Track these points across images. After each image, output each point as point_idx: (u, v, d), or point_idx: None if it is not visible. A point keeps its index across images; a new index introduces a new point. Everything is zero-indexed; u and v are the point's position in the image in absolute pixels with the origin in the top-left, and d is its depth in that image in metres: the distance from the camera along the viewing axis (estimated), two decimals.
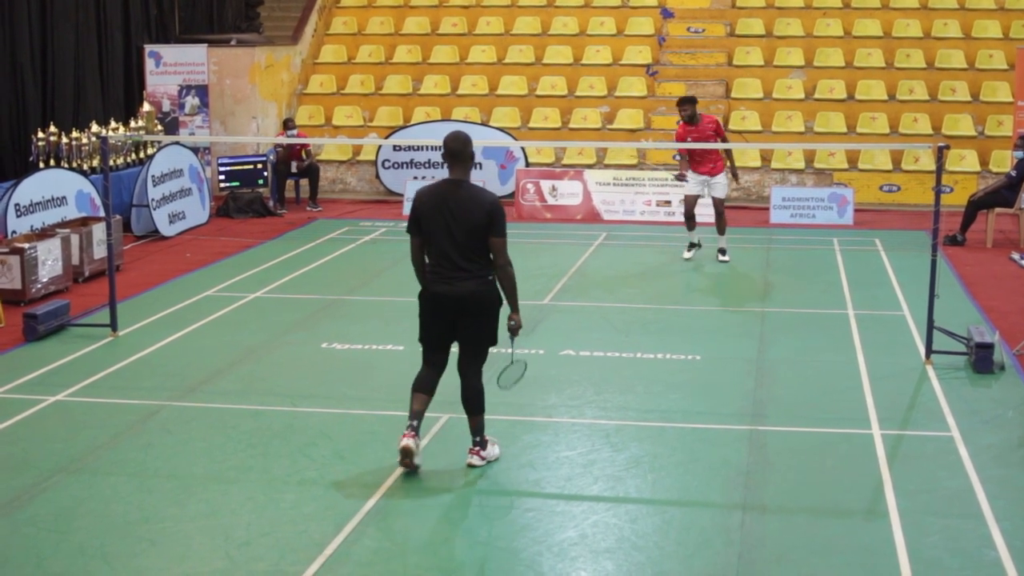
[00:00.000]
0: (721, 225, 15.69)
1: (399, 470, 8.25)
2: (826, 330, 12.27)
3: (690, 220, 15.79)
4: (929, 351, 10.97)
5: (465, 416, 8.39)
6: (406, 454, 8.09)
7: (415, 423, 8.17)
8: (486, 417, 8.40)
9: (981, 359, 10.61)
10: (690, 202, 15.74)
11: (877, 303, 13.40)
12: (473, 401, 8.32)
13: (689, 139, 15.17)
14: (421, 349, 8.37)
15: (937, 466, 8.50)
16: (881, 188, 20.31)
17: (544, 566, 6.93)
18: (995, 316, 12.67)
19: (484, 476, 8.29)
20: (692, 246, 15.90)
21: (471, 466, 8.32)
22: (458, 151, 8.07)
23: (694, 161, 15.52)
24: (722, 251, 15.73)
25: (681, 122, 15.48)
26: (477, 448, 8.39)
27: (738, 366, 10.95)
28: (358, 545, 7.20)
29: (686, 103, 15.28)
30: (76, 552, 7.10)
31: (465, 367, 8.31)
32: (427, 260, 8.17)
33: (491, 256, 8.09)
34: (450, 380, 8.42)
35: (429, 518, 7.65)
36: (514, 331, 8.25)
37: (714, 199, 15.57)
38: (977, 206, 17.17)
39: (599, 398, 10.00)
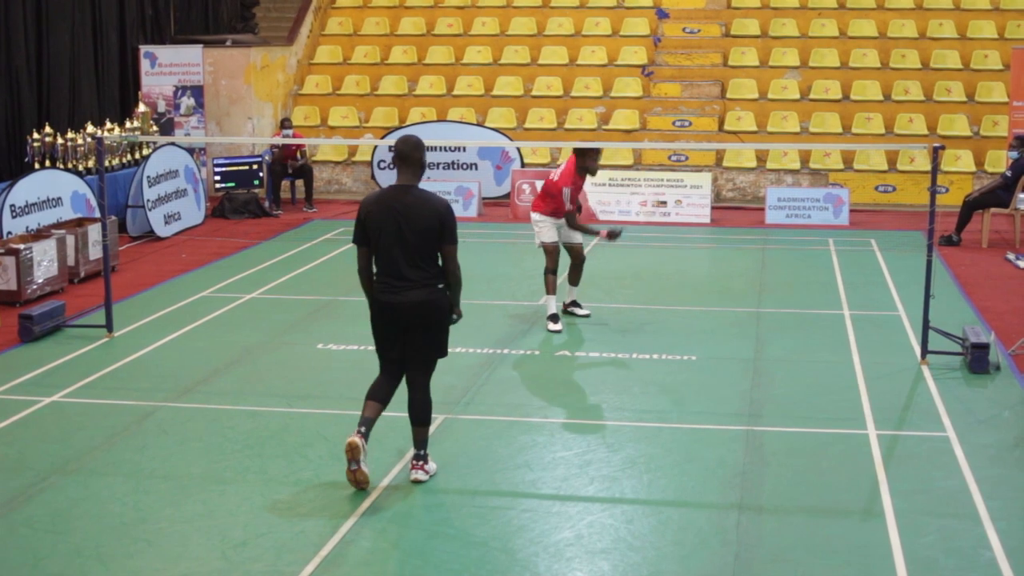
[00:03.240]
0: (576, 277, 12.76)
1: (396, 470, 8.25)
2: (822, 330, 12.28)
3: (553, 275, 12.44)
4: (925, 351, 10.98)
5: (464, 417, 8.39)
6: (351, 450, 7.78)
7: (361, 429, 7.88)
8: (486, 418, 8.39)
9: (977, 359, 10.62)
10: (556, 253, 12.46)
11: (873, 303, 13.41)
12: (420, 413, 8.04)
13: (572, 187, 12.31)
14: (377, 356, 8.13)
15: (933, 466, 8.51)
16: (876, 188, 20.33)
17: (540, 567, 6.93)
18: (990, 316, 12.68)
19: (480, 477, 8.28)
20: (557, 317, 12.28)
21: (416, 481, 8.06)
22: (407, 154, 7.78)
23: (548, 202, 12.46)
24: (576, 303, 12.81)
25: (583, 176, 12.46)
26: (421, 463, 8.12)
27: (734, 366, 10.96)
28: (354, 545, 7.20)
29: (598, 156, 12.49)
30: (72, 553, 7.10)
31: (413, 379, 8.03)
32: (374, 269, 7.91)
33: (440, 263, 7.87)
34: (442, 379, 8.42)
35: (425, 519, 7.65)
36: (456, 319, 8.11)
37: (572, 246, 12.66)
38: (972, 206, 17.19)
39: (595, 398, 10.00)
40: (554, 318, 12.23)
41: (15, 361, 11.16)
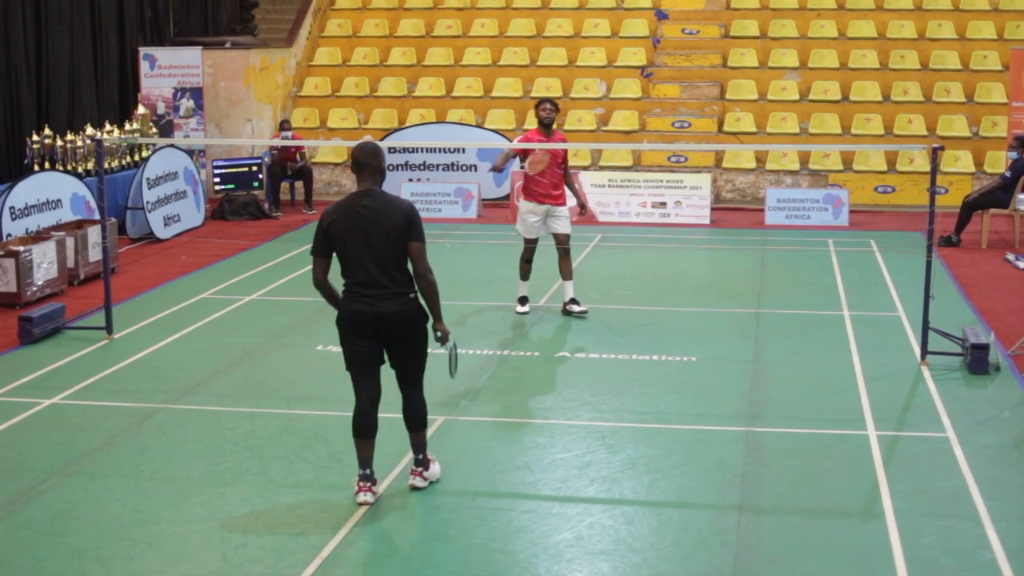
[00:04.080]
0: (567, 268, 12.81)
1: (395, 472, 8.25)
2: (821, 331, 12.28)
3: (528, 264, 12.85)
4: (924, 352, 10.98)
5: (464, 418, 8.39)
6: (362, 505, 7.69)
7: (368, 471, 7.78)
8: (486, 420, 8.38)
9: (976, 360, 10.62)
10: (534, 244, 12.78)
11: (872, 304, 13.41)
12: (415, 417, 7.91)
13: (535, 149, 12.46)
14: (351, 380, 7.79)
15: (933, 467, 8.51)
16: (876, 189, 20.33)
17: (540, 568, 6.93)
18: (990, 317, 12.68)
19: (480, 478, 8.28)
20: (527, 300, 12.94)
21: (414, 488, 7.94)
22: (365, 161, 7.60)
23: (538, 188, 12.65)
24: (575, 301, 12.81)
25: (536, 128, 12.68)
26: (420, 469, 7.99)
27: (734, 367, 10.96)
28: (354, 547, 7.20)
29: (552, 106, 12.67)
30: (72, 555, 7.10)
31: (404, 386, 7.87)
32: (344, 280, 7.67)
33: (410, 271, 7.64)
34: (442, 379, 8.41)
35: (425, 520, 7.65)
36: (443, 341, 7.78)
37: (557, 235, 12.70)
38: (972, 207, 17.19)
39: (595, 400, 10.00)
40: (522, 300, 12.91)
41: (15, 363, 11.16)
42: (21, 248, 13.46)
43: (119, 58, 21.32)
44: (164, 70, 21.06)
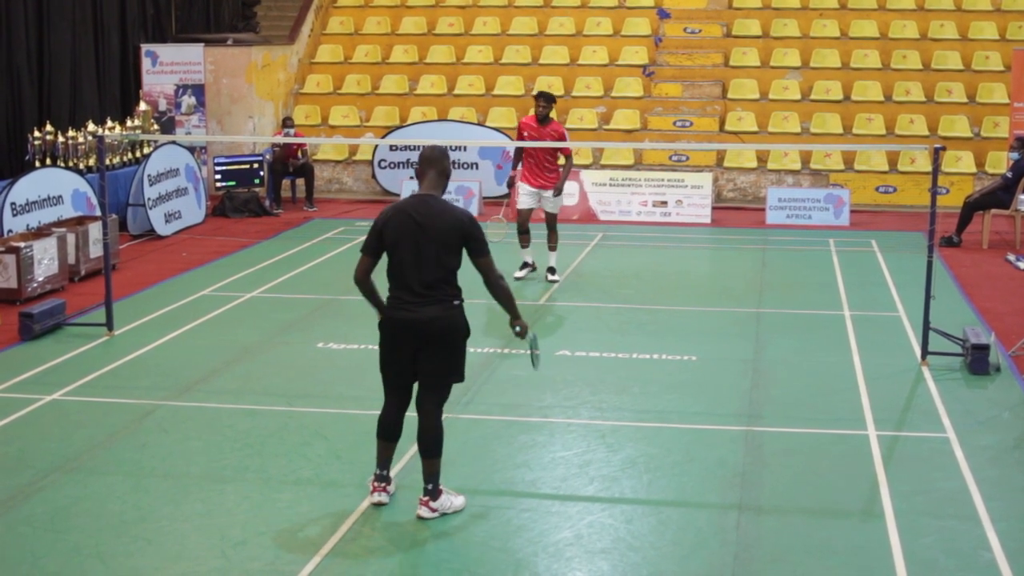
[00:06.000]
0: (553, 242, 14.41)
1: (395, 469, 8.22)
2: (822, 331, 12.28)
3: (524, 235, 14.45)
4: (925, 352, 10.98)
5: (464, 417, 8.38)
6: (378, 505, 7.65)
7: (385, 472, 7.71)
8: (485, 418, 8.37)
9: (977, 360, 10.62)
10: (523, 216, 14.36)
11: (873, 304, 13.41)
12: (430, 442, 7.50)
13: (527, 136, 14.14)
14: (382, 381, 7.68)
15: (933, 467, 8.51)
16: (877, 189, 20.32)
17: (539, 566, 6.93)
18: (991, 317, 12.68)
19: (479, 476, 8.28)
20: (526, 265, 14.62)
21: (420, 518, 7.49)
22: (435, 159, 7.49)
23: (529, 172, 14.28)
24: (551, 270, 14.40)
25: (531, 115, 14.32)
26: (427, 498, 7.53)
27: (734, 367, 10.95)
28: (354, 544, 7.20)
29: (549, 100, 14.04)
30: (72, 551, 7.10)
31: (423, 401, 7.53)
32: (389, 285, 7.47)
33: (458, 280, 7.46)
34: None
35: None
36: (522, 335, 7.69)
37: (547, 213, 14.34)
38: (973, 207, 17.19)
39: (595, 398, 10.00)
40: (522, 266, 14.52)
41: (15, 359, 11.16)
42: (22, 244, 13.46)
43: (121, 54, 21.31)
44: (166, 67, 21.05)
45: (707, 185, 19.13)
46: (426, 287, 7.35)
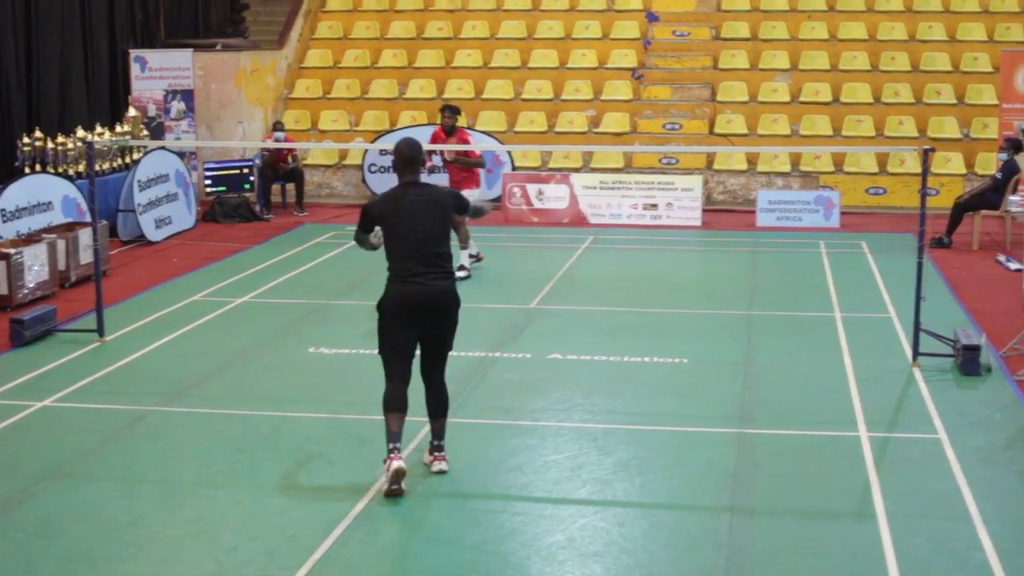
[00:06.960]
0: (463, 237, 14.59)
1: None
2: (813, 333, 12.29)
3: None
4: (916, 353, 11.00)
5: (455, 421, 8.38)
6: (400, 476, 7.85)
7: (397, 444, 7.94)
8: (477, 422, 8.40)
9: (968, 361, 10.64)
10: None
11: (864, 306, 13.43)
12: (443, 404, 8.31)
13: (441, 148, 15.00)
14: (384, 363, 8.13)
15: (924, 468, 8.53)
16: (867, 191, 20.36)
17: (532, 570, 6.94)
18: (981, 318, 12.70)
19: (472, 480, 8.28)
20: (470, 258, 14.96)
21: (441, 472, 8.24)
22: (413, 157, 8.13)
23: (451, 176, 15.03)
24: (460, 267, 14.32)
25: (438, 127, 15.14)
26: (444, 453, 8.33)
27: (725, 369, 10.96)
28: (346, 549, 7.19)
29: (454, 112, 14.91)
30: (64, 558, 7.08)
31: (433, 371, 8.27)
32: (392, 266, 8.06)
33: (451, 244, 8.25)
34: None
35: (417, 522, 7.65)
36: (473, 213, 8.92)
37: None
38: (963, 208, 17.22)
39: (586, 402, 10.00)
40: (459, 268, 14.08)
41: (6, 366, 11.13)
42: (12, 250, 13.44)
43: (110, 60, 21.27)
44: (155, 72, 21.03)
45: (697, 188, 19.14)
46: (435, 259, 7.99)
